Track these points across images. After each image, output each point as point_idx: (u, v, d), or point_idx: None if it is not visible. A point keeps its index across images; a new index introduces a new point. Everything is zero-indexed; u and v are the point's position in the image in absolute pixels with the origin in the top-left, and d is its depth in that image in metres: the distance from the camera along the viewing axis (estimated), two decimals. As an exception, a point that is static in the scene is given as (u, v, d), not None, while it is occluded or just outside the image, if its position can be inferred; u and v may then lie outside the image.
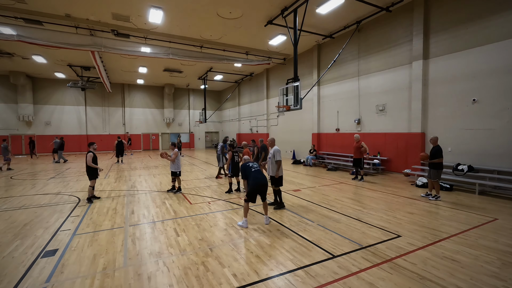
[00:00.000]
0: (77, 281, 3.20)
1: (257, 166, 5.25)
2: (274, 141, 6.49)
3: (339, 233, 4.58)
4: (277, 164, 5.96)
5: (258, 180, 4.99)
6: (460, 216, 5.48)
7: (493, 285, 3.00)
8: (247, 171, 5.19)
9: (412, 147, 9.78)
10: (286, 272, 3.33)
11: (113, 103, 24.72)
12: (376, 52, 11.20)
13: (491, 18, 7.64)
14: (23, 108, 20.82)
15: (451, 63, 8.62)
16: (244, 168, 5.25)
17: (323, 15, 10.80)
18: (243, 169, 5.27)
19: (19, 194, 7.90)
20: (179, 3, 9.75)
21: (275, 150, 6.08)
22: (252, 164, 5.35)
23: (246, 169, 5.21)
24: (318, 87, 14.49)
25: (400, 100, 10.28)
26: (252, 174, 5.08)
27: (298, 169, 12.86)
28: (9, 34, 10.78)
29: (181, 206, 6.47)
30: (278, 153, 6.01)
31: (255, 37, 13.32)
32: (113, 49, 12.53)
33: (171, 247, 4.13)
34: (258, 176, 5.05)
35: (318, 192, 7.79)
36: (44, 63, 17.14)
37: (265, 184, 5.03)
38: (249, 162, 5.40)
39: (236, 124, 25.28)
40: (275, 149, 6.11)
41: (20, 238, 4.55)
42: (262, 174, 5.17)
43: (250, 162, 5.43)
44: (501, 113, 7.46)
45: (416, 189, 8.08)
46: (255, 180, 5.00)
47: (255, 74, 21.27)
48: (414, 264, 3.48)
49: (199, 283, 3.12)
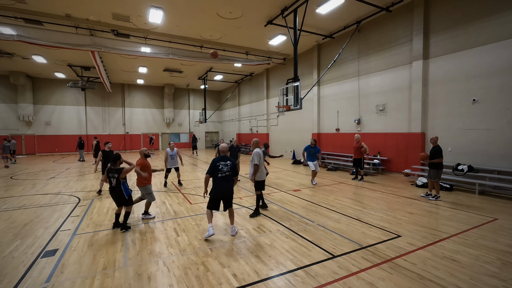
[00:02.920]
0: (77, 281, 3.20)
1: (227, 170, 4.49)
2: (257, 143, 5.95)
3: (339, 233, 4.58)
4: (254, 168, 5.55)
5: (219, 189, 4.43)
6: (460, 216, 5.48)
7: (493, 285, 3.00)
8: (215, 170, 4.45)
9: (412, 147, 9.78)
10: (286, 272, 3.33)
11: (113, 103, 24.71)
12: (376, 52, 11.20)
13: (491, 18, 7.64)
14: (23, 108, 20.82)
15: (451, 63, 8.61)
16: (213, 166, 4.45)
17: (323, 15, 10.80)
18: (211, 165, 4.47)
19: (19, 194, 7.90)
20: (179, 3, 9.74)
21: (254, 153, 5.67)
22: (224, 165, 4.51)
23: (214, 169, 4.45)
24: (318, 87, 14.48)
25: (400, 100, 10.28)
26: (217, 180, 4.45)
27: (298, 169, 12.85)
28: (9, 34, 10.77)
29: (181, 206, 6.47)
30: (257, 156, 5.58)
31: (255, 37, 13.31)
32: (113, 49, 12.53)
33: (171, 247, 4.13)
34: (222, 184, 4.44)
35: (318, 192, 7.79)
36: (44, 63, 17.13)
37: (227, 194, 4.49)
38: (222, 162, 4.52)
39: (236, 124, 25.28)
40: (255, 151, 5.71)
41: (20, 238, 4.55)
42: (229, 182, 4.52)
43: (222, 162, 4.53)
44: (501, 113, 7.46)
45: (416, 189, 8.09)
46: (218, 188, 4.43)
47: (255, 74, 21.27)
48: (414, 264, 3.48)
49: (199, 283, 3.12)
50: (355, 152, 9.50)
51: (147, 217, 5.60)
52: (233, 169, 4.58)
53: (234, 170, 4.60)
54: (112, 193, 4.94)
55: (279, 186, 8.67)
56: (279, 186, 8.67)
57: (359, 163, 9.58)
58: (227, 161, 4.56)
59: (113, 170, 4.86)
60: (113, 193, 4.92)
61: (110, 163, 4.96)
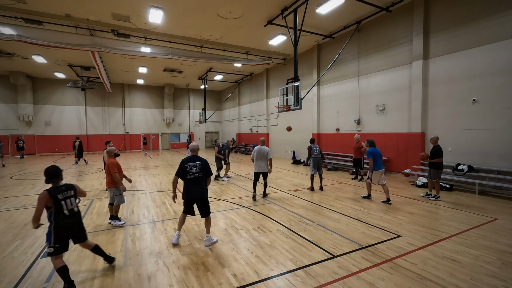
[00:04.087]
0: (77, 281, 3.20)
1: (196, 172, 4.05)
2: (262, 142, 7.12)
3: (339, 233, 4.58)
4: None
5: (189, 193, 4.05)
6: (460, 216, 5.48)
7: (493, 285, 3.00)
8: (183, 172, 4.04)
9: (412, 147, 9.78)
10: (286, 272, 3.33)
11: (113, 103, 24.72)
12: (376, 52, 11.20)
13: (491, 18, 7.64)
14: (23, 108, 20.82)
15: (451, 63, 8.61)
16: (181, 167, 4.04)
17: (323, 15, 10.80)
18: (179, 166, 4.07)
19: (19, 194, 7.90)
20: (179, 3, 9.74)
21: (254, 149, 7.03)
22: (192, 166, 4.06)
23: (183, 170, 4.04)
24: (318, 87, 14.48)
25: (400, 100, 10.28)
26: (186, 183, 4.06)
27: (298, 169, 12.85)
28: (9, 34, 10.78)
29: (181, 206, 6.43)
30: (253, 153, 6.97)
31: (255, 37, 13.31)
32: (113, 49, 12.53)
33: (171, 247, 4.13)
34: (192, 186, 4.04)
35: (318, 192, 7.79)
36: (44, 63, 17.13)
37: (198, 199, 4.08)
38: (190, 162, 4.07)
39: (236, 124, 25.28)
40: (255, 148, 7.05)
41: (20, 238, 4.55)
42: (199, 185, 4.06)
43: (191, 162, 4.08)
44: (501, 113, 7.46)
45: (416, 189, 8.08)
46: (188, 192, 4.06)
47: (255, 74, 21.27)
48: (414, 264, 3.48)
49: (199, 283, 3.12)
50: (355, 152, 9.51)
51: (117, 223, 5.04)
52: (204, 170, 4.12)
53: (205, 170, 4.14)
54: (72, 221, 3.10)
55: (279, 186, 8.67)
56: (279, 186, 8.67)
57: (359, 163, 9.59)
58: (196, 161, 4.10)
59: (64, 188, 3.11)
60: (75, 222, 3.15)
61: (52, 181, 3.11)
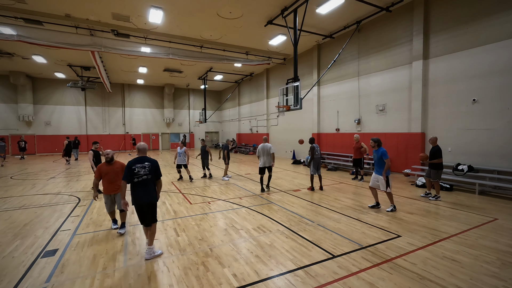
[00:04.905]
0: (77, 281, 3.20)
1: (144, 174, 3.69)
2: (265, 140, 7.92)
3: (339, 233, 4.58)
4: None
5: (137, 197, 3.68)
6: (460, 216, 5.48)
7: (493, 285, 3.00)
8: (131, 174, 3.66)
9: (412, 147, 9.78)
10: (286, 272, 3.33)
11: (113, 103, 24.71)
12: (376, 52, 11.20)
13: (491, 18, 7.64)
14: (23, 108, 20.82)
15: (451, 63, 8.61)
16: (128, 170, 3.67)
17: (323, 15, 10.80)
18: (126, 168, 3.70)
19: (19, 194, 7.90)
20: (179, 3, 9.74)
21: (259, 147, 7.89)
22: (140, 168, 3.69)
23: (130, 172, 3.66)
24: (318, 87, 14.48)
25: (400, 100, 10.28)
26: (134, 186, 3.70)
27: (298, 169, 12.85)
28: (9, 34, 10.78)
29: (181, 206, 6.46)
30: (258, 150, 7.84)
31: (255, 37, 13.31)
32: (113, 49, 12.53)
33: (171, 247, 4.13)
34: (139, 190, 3.68)
35: (318, 192, 7.79)
36: (44, 63, 17.13)
37: (145, 203, 3.70)
38: (138, 164, 3.71)
39: (236, 124, 25.28)
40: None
41: (20, 238, 4.55)
42: (147, 188, 3.70)
43: (139, 164, 3.71)
44: (501, 113, 7.45)
45: (416, 189, 8.08)
46: (136, 196, 3.69)
47: (255, 74, 21.27)
48: (414, 264, 3.48)
49: (199, 283, 3.12)
50: (355, 152, 9.51)
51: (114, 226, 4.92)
52: (153, 172, 3.76)
53: (154, 172, 3.77)
54: None
55: (279, 186, 8.67)
56: (279, 186, 8.67)
57: (359, 163, 9.59)
58: (145, 162, 3.75)
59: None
60: None
61: None
